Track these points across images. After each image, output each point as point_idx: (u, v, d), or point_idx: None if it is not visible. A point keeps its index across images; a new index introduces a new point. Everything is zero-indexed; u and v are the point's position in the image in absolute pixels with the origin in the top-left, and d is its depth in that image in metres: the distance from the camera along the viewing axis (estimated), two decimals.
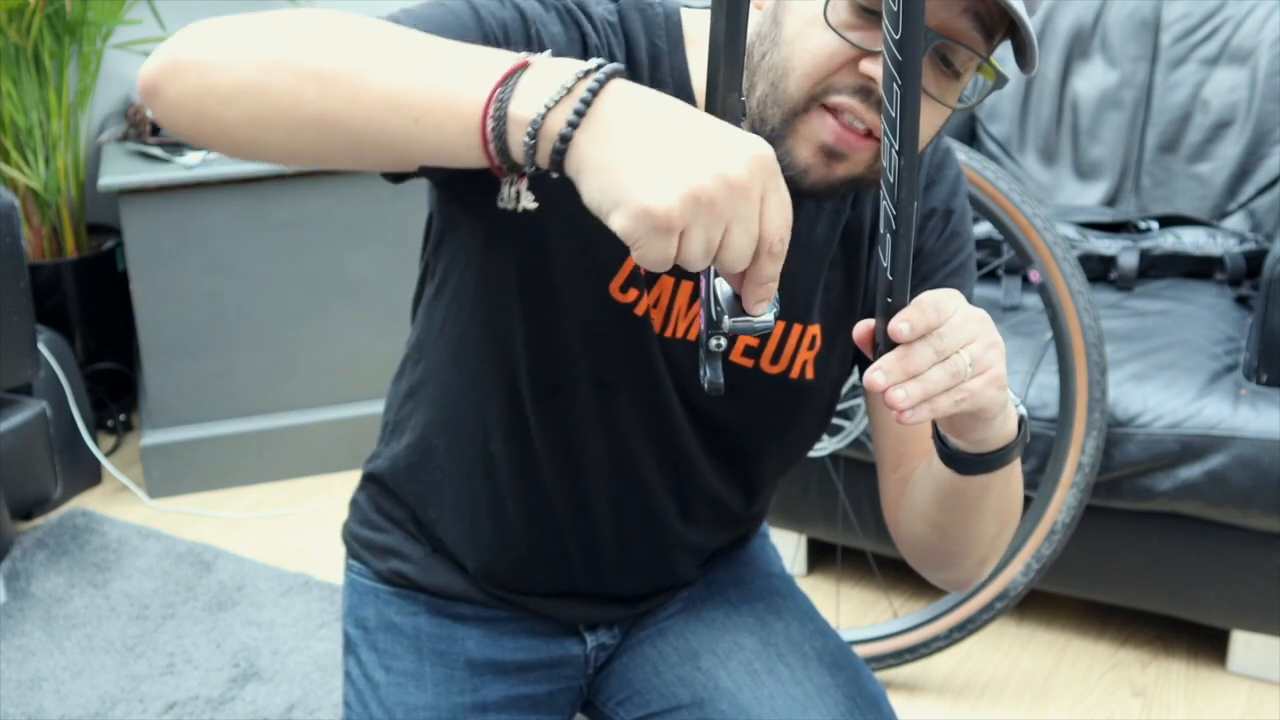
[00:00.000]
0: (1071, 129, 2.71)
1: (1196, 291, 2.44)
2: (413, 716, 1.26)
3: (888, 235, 0.86)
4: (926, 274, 1.19)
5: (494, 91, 0.79)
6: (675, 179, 0.75)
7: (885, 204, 0.86)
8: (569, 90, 0.78)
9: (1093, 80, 2.69)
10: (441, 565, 1.28)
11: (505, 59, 0.81)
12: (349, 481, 1.44)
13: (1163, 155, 2.64)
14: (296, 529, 2.70)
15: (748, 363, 1.16)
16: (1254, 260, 2.47)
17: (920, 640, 2.16)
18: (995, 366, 0.93)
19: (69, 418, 2.71)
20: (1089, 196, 2.68)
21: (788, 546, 2.45)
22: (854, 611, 2.37)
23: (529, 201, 0.84)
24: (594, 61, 0.80)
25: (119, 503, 2.78)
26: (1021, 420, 1.02)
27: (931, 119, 1.00)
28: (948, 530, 1.13)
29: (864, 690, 1.25)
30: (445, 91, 0.81)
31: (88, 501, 2.78)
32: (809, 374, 1.19)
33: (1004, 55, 1.05)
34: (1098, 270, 2.47)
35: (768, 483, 1.30)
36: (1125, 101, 2.66)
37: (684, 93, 1.07)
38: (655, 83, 1.06)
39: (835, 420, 2.17)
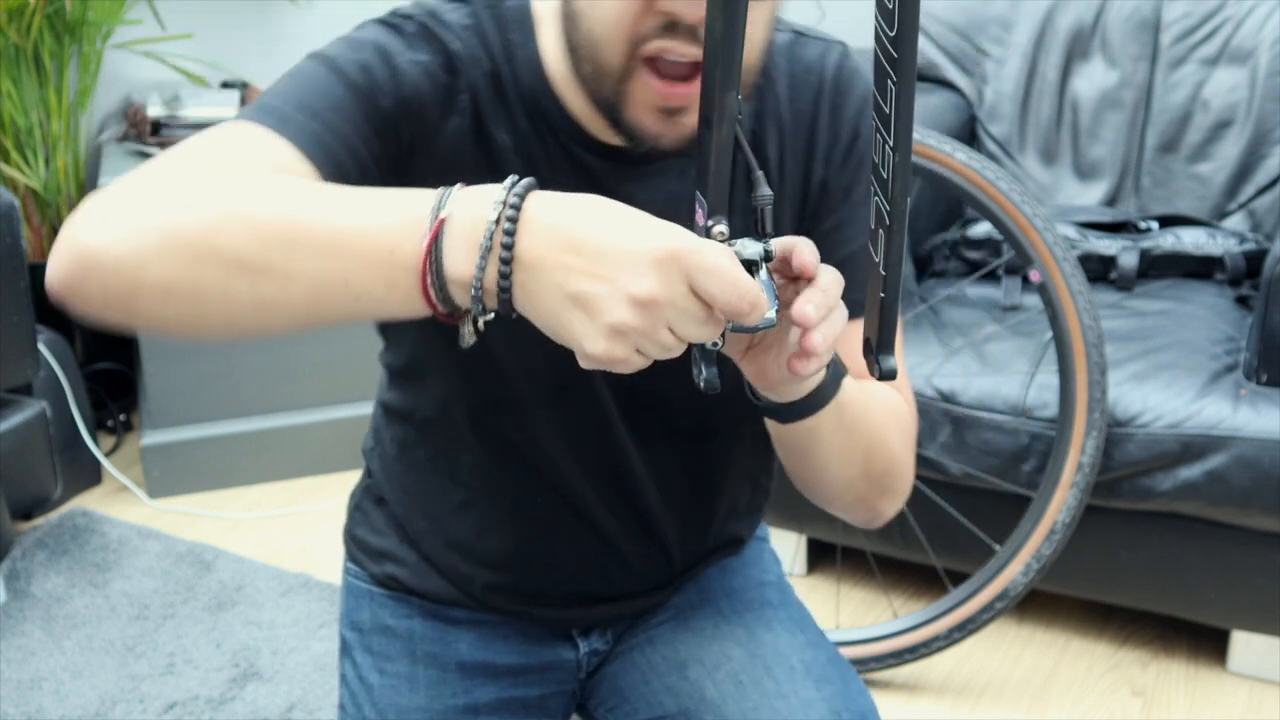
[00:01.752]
0: (1071, 129, 2.70)
1: (1196, 291, 2.44)
2: (405, 718, 1.26)
3: (880, 230, 0.86)
4: (825, 209, 1.16)
5: (425, 261, 0.80)
6: (597, 323, 0.78)
7: (879, 199, 0.86)
8: (490, 244, 0.79)
9: (1093, 80, 2.69)
10: (433, 571, 1.29)
11: (423, 212, 0.81)
12: (349, 481, 1.44)
13: (1163, 155, 2.64)
14: (296, 529, 2.70)
15: None
16: (1254, 260, 2.47)
17: (920, 640, 2.16)
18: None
19: (69, 418, 2.71)
20: (1089, 196, 2.68)
21: (788, 546, 2.45)
22: (854, 611, 2.37)
23: (483, 323, 0.85)
24: (499, 195, 0.80)
25: (119, 503, 2.78)
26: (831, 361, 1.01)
27: (760, 12, 0.98)
28: (802, 475, 1.15)
29: (851, 704, 1.24)
30: (377, 267, 0.81)
31: (88, 501, 2.78)
32: None
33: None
34: (1098, 270, 2.47)
35: (745, 452, 1.28)
36: (1125, 101, 2.65)
37: (539, 81, 1.06)
38: (514, 77, 1.07)
39: None
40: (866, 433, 1.11)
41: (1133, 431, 2.08)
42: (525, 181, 0.82)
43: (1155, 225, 2.53)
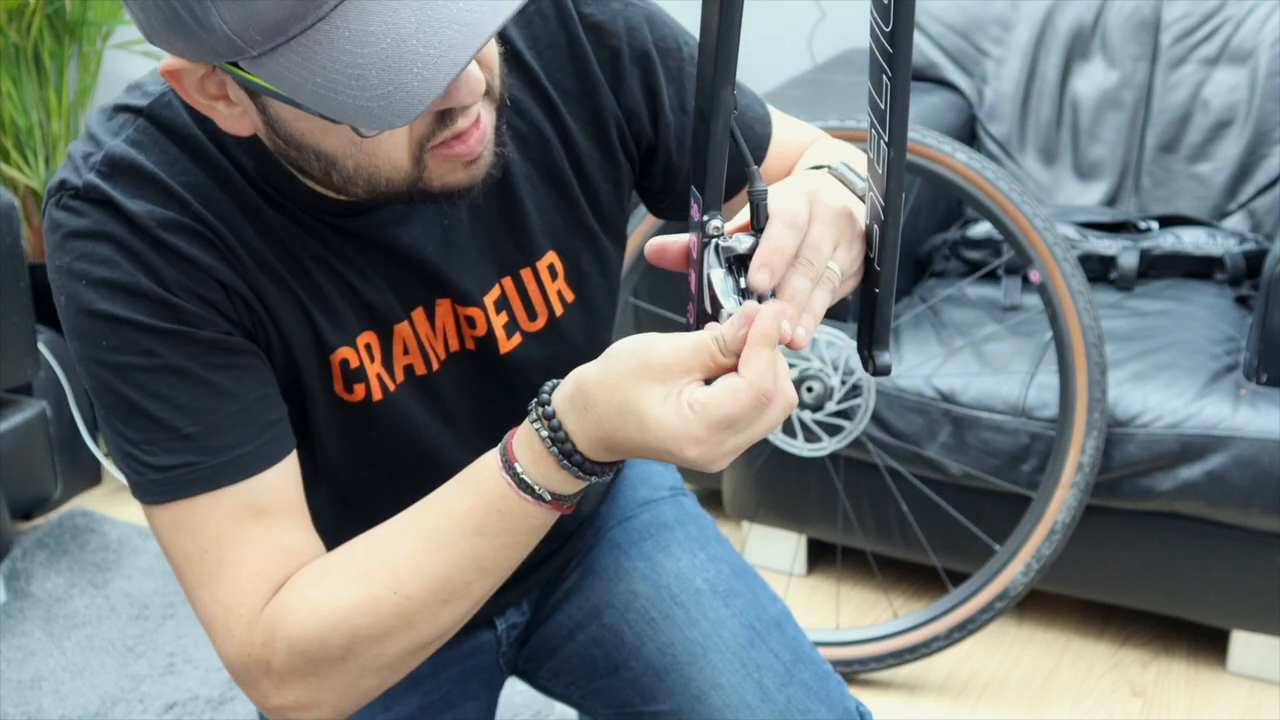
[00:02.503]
0: (1071, 129, 2.70)
1: (1196, 291, 2.44)
2: None
3: (875, 226, 0.86)
4: (659, 128, 1.12)
5: (557, 507, 0.90)
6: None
7: (874, 195, 0.86)
8: (581, 466, 0.88)
9: (1093, 80, 2.69)
10: None
11: (517, 503, 0.90)
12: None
13: (1163, 155, 2.64)
14: None
15: (517, 339, 1.11)
16: (1254, 260, 2.46)
17: (920, 640, 2.16)
18: (859, 258, 0.92)
19: (69, 418, 2.71)
20: (1089, 196, 2.68)
21: (788, 546, 2.45)
22: (854, 611, 2.37)
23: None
24: (538, 431, 0.88)
25: (119, 503, 2.78)
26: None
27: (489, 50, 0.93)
28: None
29: (763, 614, 1.24)
30: (524, 544, 0.93)
31: (88, 501, 2.78)
32: (569, 297, 1.13)
33: None
34: (1098, 270, 2.47)
35: None
36: (1125, 101, 2.65)
37: (263, 159, 0.97)
38: (237, 166, 0.97)
39: (835, 420, 2.17)
40: None
41: (1133, 431, 2.08)
42: (545, 406, 0.88)
43: (1155, 225, 2.53)
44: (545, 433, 0.87)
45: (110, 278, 0.92)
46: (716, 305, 0.86)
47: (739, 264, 0.86)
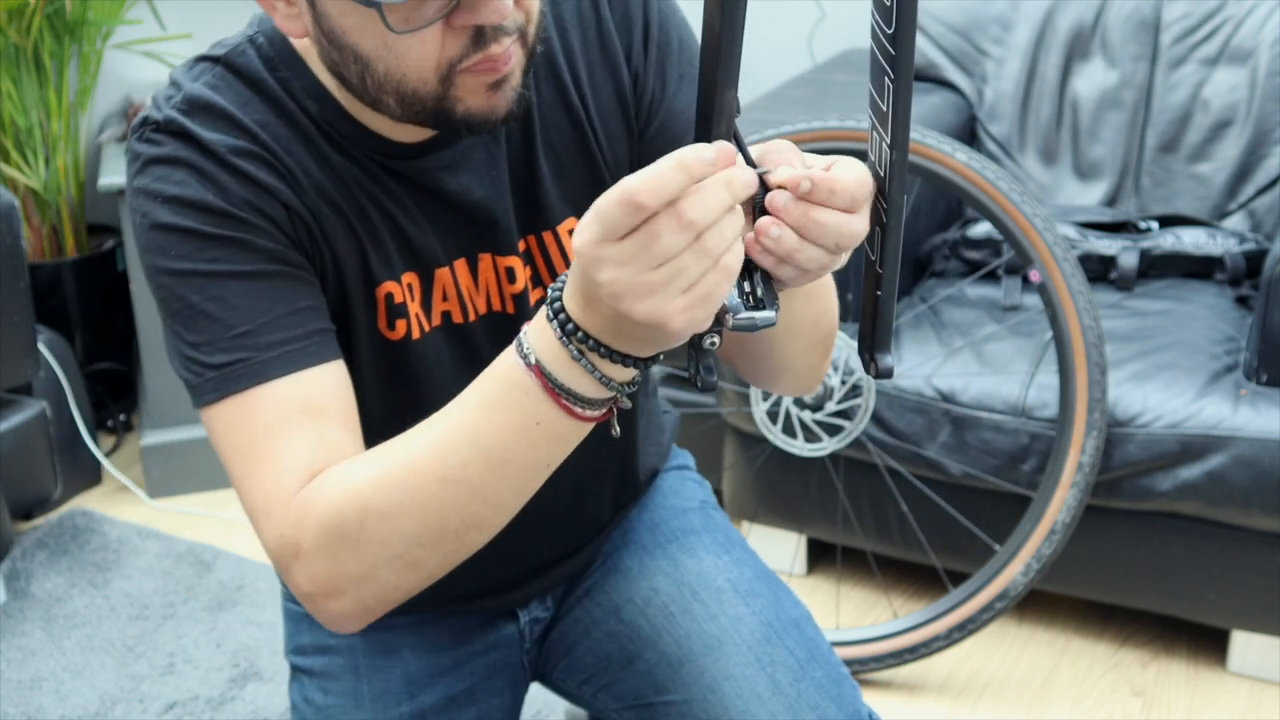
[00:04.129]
0: (1071, 129, 2.70)
1: (1196, 291, 2.44)
2: None
3: (877, 229, 0.86)
4: (653, 110, 1.16)
5: (563, 405, 0.87)
6: (666, 304, 0.80)
7: (875, 197, 0.86)
8: (579, 353, 0.85)
9: (1093, 80, 2.69)
10: None
11: (522, 379, 0.88)
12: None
13: (1163, 155, 2.64)
14: None
15: (539, 293, 1.15)
16: (1254, 260, 2.46)
17: (920, 640, 2.16)
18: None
19: (69, 418, 2.71)
20: (1089, 196, 2.68)
21: (788, 546, 2.45)
22: (854, 611, 2.37)
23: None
24: (547, 318, 0.86)
25: (119, 503, 2.78)
26: None
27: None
28: (759, 355, 1.13)
29: (783, 614, 1.25)
30: (543, 444, 0.90)
31: (88, 501, 2.78)
32: None
33: None
34: (1098, 270, 2.47)
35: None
36: (1125, 101, 2.65)
37: (328, 102, 1.06)
38: (303, 109, 1.05)
39: (835, 420, 2.17)
40: (823, 295, 1.11)
41: (1133, 431, 2.08)
42: (553, 287, 0.87)
43: (1155, 225, 2.53)
44: (547, 307, 0.87)
45: (181, 194, 1.00)
46: (722, 310, 0.86)
47: (744, 266, 0.86)
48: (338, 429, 1.00)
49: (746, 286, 0.86)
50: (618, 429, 0.93)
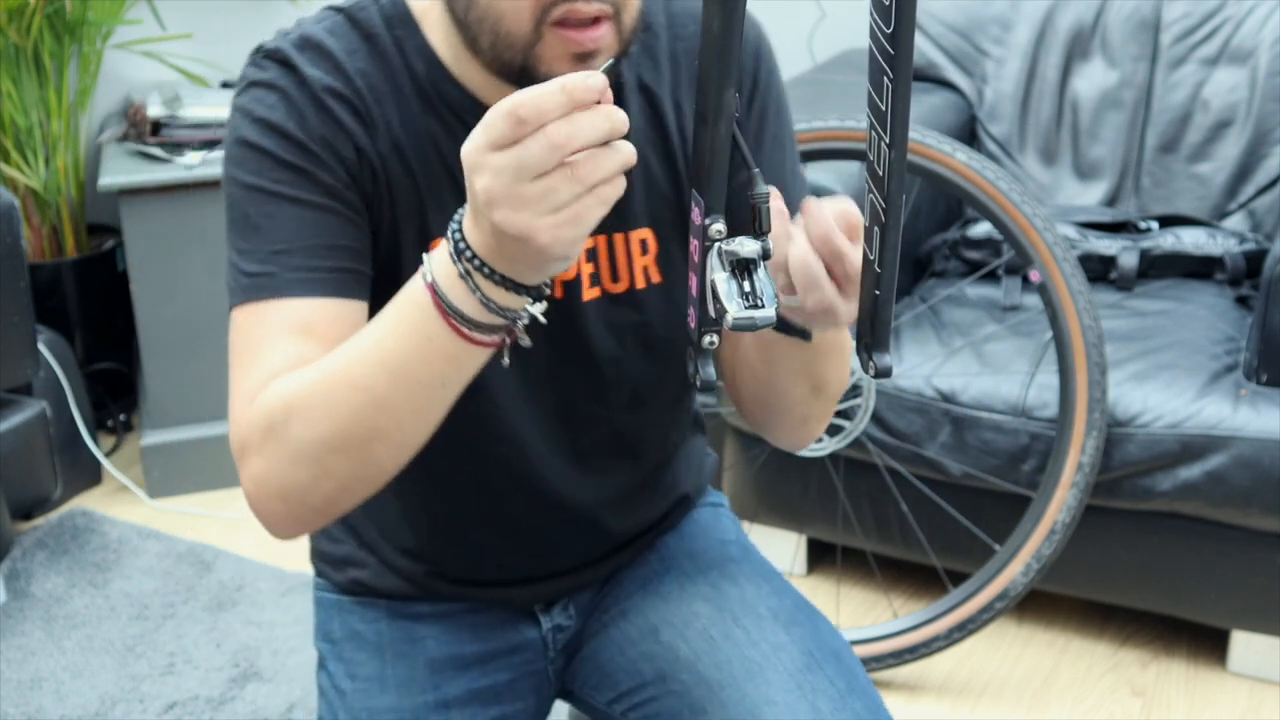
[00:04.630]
0: (1071, 129, 2.70)
1: (1196, 291, 2.44)
2: (377, 719, 1.27)
3: (876, 229, 0.86)
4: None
5: (452, 324, 0.92)
6: (537, 219, 0.85)
7: (874, 197, 0.86)
8: (465, 271, 0.90)
9: (1093, 80, 2.69)
10: (390, 570, 1.31)
11: (420, 297, 0.93)
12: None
13: (1163, 155, 2.64)
14: None
15: (596, 292, 1.18)
16: (1254, 260, 2.46)
17: (920, 640, 2.16)
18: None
19: (69, 418, 2.71)
20: (1089, 196, 2.68)
21: (788, 546, 2.45)
22: (854, 611, 2.37)
23: (536, 311, 0.95)
24: (448, 244, 0.91)
25: (119, 503, 2.78)
26: None
27: None
28: (763, 395, 1.19)
29: (823, 644, 1.25)
30: (435, 361, 0.95)
31: (88, 501, 2.78)
32: (654, 278, 1.20)
33: None
34: (1098, 270, 2.47)
35: (665, 408, 1.30)
36: (1125, 101, 2.65)
37: (434, 65, 1.12)
38: (408, 66, 1.12)
39: (835, 420, 2.17)
40: (838, 357, 1.15)
41: (1133, 431, 2.08)
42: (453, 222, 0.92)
43: (1155, 225, 2.53)
44: (449, 227, 0.92)
45: (267, 117, 1.08)
46: (721, 310, 0.85)
47: (742, 268, 0.86)
48: (321, 352, 1.04)
49: (746, 286, 0.86)
50: (507, 360, 0.97)
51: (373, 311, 1.06)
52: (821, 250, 0.93)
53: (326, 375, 0.98)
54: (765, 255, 0.88)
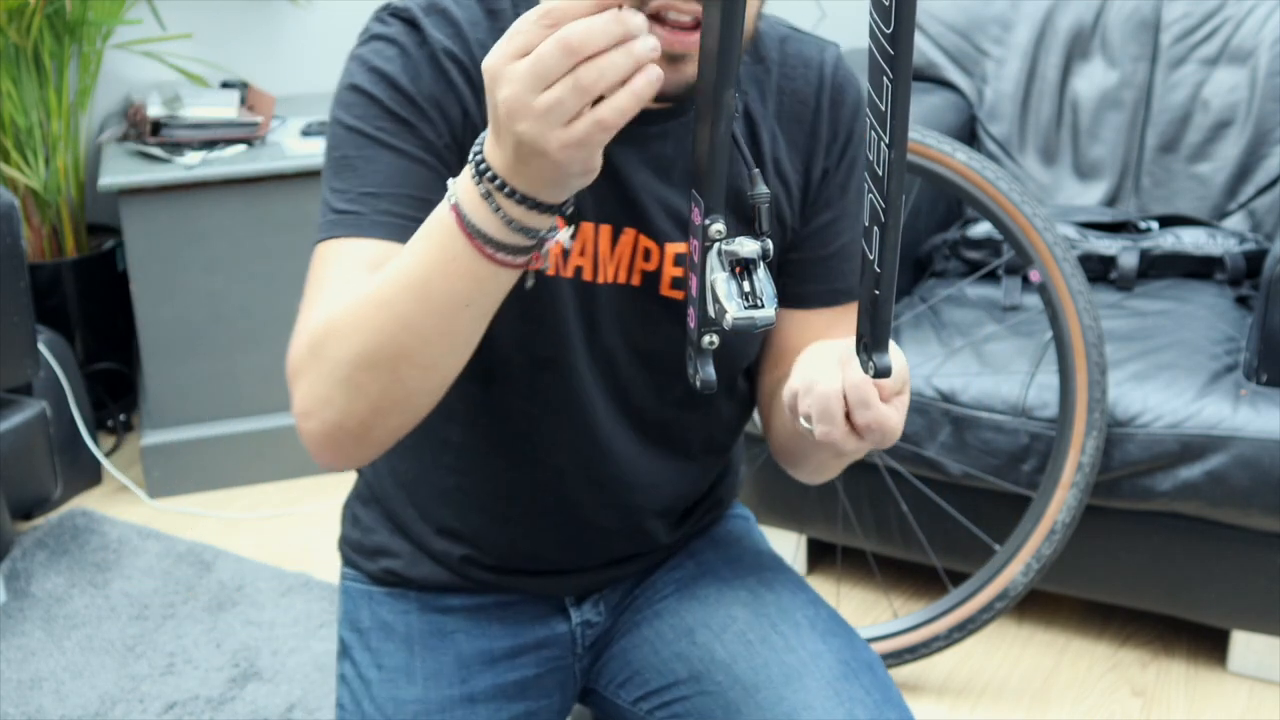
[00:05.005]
0: (1071, 129, 2.70)
1: (1196, 291, 2.44)
2: (403, 710, 1.28)
3: (875, 228, 0.86)
4: (823, 202, 1.23)
5: (474, 243, 0.93)
6: (551, 134, 0.85)
7: (873, 196, 0.85)
8: (486, 190, 0.90)
9: (1093, 80, 2.69)
10: (425, 557, 1.32)
11: (445, 219, 0.94)
12: (348, 481, 1.45)
13: (1163, 155, 2.64)
14: (296, 529, 2.70)
15: (677, 293, 1.19)
16: (1254, 260, 2.46)
17: (920, 640, 2.16)
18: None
19: (69, 418, 2.71)
20: (1089, 196, 2.68)
21: (788, 546, 2.45)
22: (854, 611, 2.37)
23: (564, 238, 0.97)
24: (470, 168, 0.92)
25: (119, 503, 2.79)
26: None
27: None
28: (797, 451, 1.21)
29: (858, 655, 1.26)
30: (459, 279, 0.95)
31: (88, 501, 2.78)
32: None
33: None
34: (1098, 270, 2.47)
35: (717, 412, 1.32)
36: (1125, 101, 2.65)
37: None
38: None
39: None
40: None
41: (1133, 431, 2.08)
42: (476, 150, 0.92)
43: (1155, 225, 2.53)
44: (471, 169, 0.93)
45: (382, 67, 1.11)
46: (721, 310, 0.85)
47: (742, 267, 0.86)
48: None
49: (746, 286, 0.86)
50: (531, 282, 1.02)
51: None
52: (851, 396, 0.96)
53: (360, 296, 1.00)
54: (765, 255, 0.88)
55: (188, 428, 2.82)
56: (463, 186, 0.92)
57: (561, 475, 1.24)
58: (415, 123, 1.10)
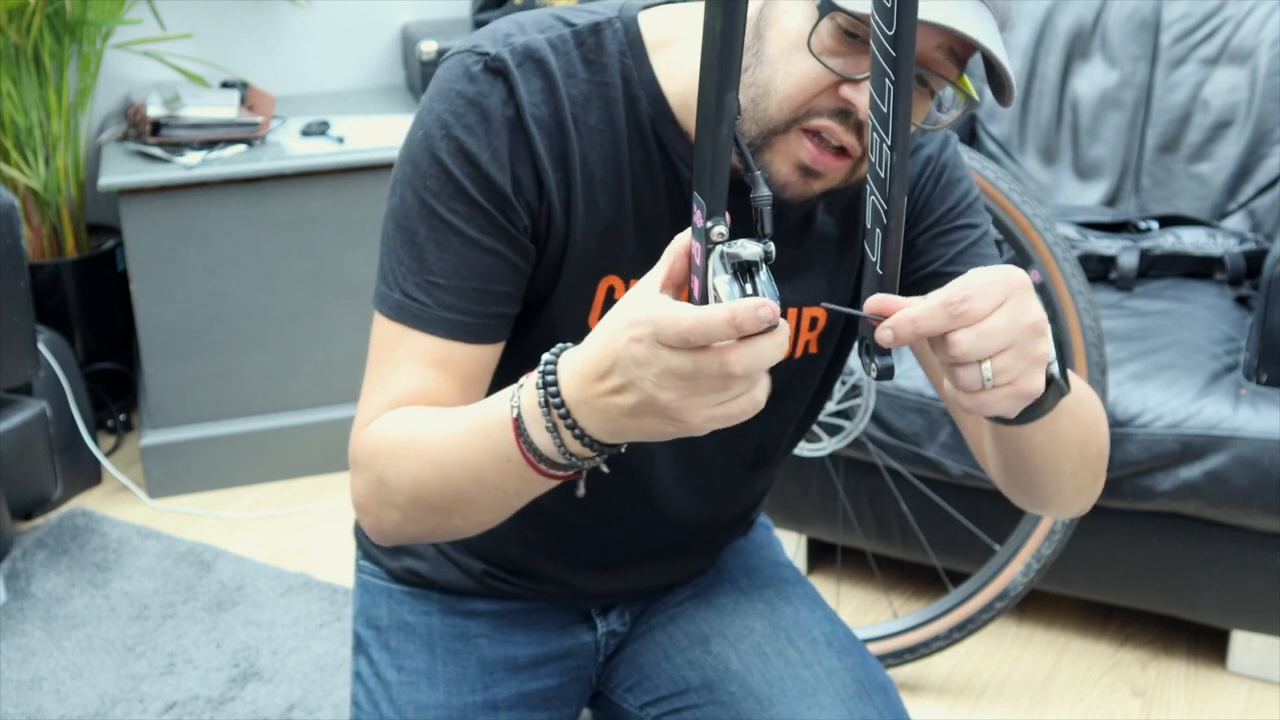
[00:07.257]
0: (1071, 129, 2.70)
1: (1196, 291, 2.44)
2: (424, 715, 1.27)
3: (877, 230, 0.86)
4: (933, 228, 1.20)
5: (527, 458, 0.93)
6: (672, 420, 0.86)
7: (875, 199, 0.86)
8: (551, 422, 0.91)
9: (1093, 80, 2.69)
10: (451, 562, 1.30)
11: (507, 430, 0.94)
12: (349, 481, 1.45)
13: (1163, 155, 2.64)
14: (296, 529, 2.70)
15: None
16: (1254, 260, 2.47)
17: (920, 640, 2.16)
18: (1022, 379, 0.90)
19: (69, 418, 2.71)
20: (1089, 196, 2.68)
21: (788, 546, 2.45)
22: (854, 611, 2.37)
23: (601, 465, 0.95)
24: (537, 378, 0.91)
25: (119, 503, 2.79)
26: (1050, 378, 0.96)
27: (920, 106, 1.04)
28: (1025, 478, 1.11)
29: (872, 676, 1.26)
30: (510, 478, 0.96)
31: (88, 501, 2.78)
32: (813, 348, 1.21)
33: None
34: (1098, 270, 2.47)
35: (778, 462, 1.33)
36: (1125, 101, 2.66)
37: (657, 102, 1.10)
38: (629, 99, 1.10)
39: (835, 420, 2.18)
40: (1085, 417, 1.08)
41: (1133, 431, 2.08)
42: (552, 351, 0.92)
43: (1155, 225, 2.53)
44: (539, 370, 0.93)
45: (463, 143, 1.06)
46: None
47: (744, 270, 0.86)
48: (451, 395, 1.08)
49: (748, 289, 0.86)
50: (583, 489, 0.99)
51: (519, 324, 1.12)
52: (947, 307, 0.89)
53: (417, 447, 1.02)
54: (767, 258, 0.88)
55: (187, 428, 2.82)
56: (528, 404, 0.92)
57: (607, 522, 1.24)
58: (490, 209, 1.07)
